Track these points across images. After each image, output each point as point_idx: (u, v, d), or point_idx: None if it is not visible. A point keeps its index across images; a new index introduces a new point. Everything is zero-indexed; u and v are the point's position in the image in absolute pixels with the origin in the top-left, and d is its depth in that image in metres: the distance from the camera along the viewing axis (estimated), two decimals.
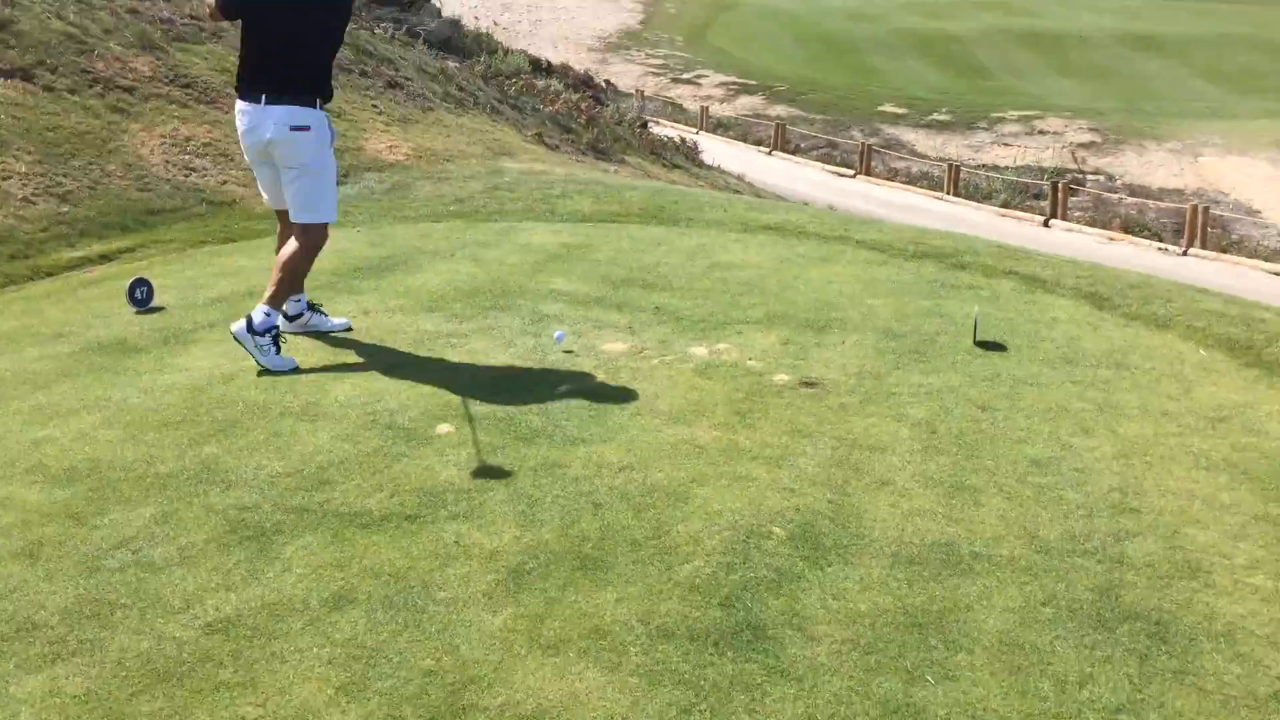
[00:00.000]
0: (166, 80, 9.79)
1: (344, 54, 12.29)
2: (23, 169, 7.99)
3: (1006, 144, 39.73)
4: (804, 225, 8.30)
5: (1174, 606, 3.24)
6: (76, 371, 5.24)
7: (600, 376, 5.10)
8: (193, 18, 11.15)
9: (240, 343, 5.18)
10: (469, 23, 21.69)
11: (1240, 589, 3.33)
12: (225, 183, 8.88)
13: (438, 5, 19.08)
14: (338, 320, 5.83)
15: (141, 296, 6.22)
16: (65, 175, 8.11)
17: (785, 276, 6.85)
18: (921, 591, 3.30)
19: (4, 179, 7.77)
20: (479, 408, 4.71)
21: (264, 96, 5.15)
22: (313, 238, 5.35)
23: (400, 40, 14.77)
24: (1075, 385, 4.99)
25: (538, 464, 4.17)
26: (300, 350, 5.42)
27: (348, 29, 9.26)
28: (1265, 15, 65.03)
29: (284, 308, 5.52)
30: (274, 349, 5.19)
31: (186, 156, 8.98)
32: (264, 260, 7.31)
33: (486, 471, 4.12)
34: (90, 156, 8.42)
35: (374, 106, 11.29)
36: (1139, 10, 67.97)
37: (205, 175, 8.87)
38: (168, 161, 8.83)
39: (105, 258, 7.38)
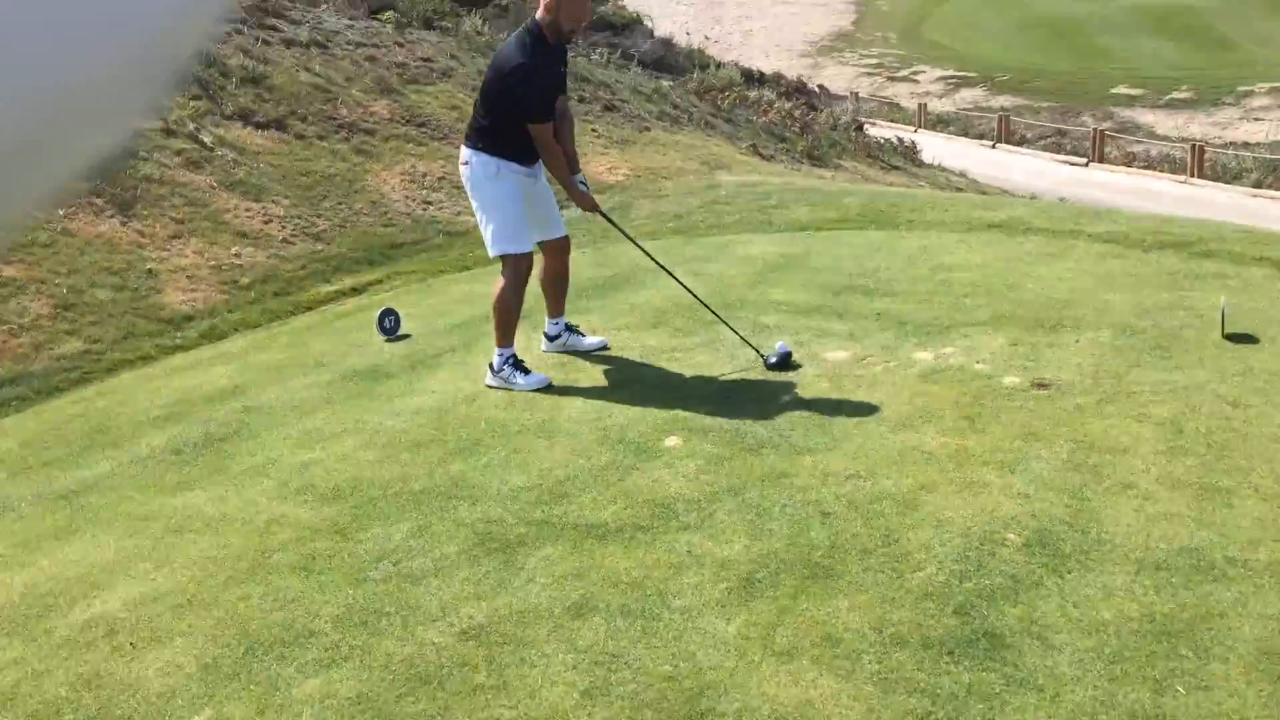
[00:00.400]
0: (403, 121, 10.45)
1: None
2: (281, 212, 8.70)
3: (1257, 119, 37.01)
4: (1030, 220, 8.03)
5: None
6: (336, 398, 5.68)
7: (823, 385, 5.12)
8: (423, 59, 11.85)
9: (495, 388, 5.52)
10: (680, 39, 22.04)
11: None
12: (460, 214, 9.37)
13: (650, 26, 19.48)
14: (592, 340, 6.08)
15: (390, 325, 6.67)
16: (318, 216, 8.78)
17: (1012, 275, 6.65)
18: (1170, 599, 3.18)
19: (266, 223, 8.50)
20: (705, 420, 4.82)
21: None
22: (508, 270, 5.65)
23: (615, 64, 15.19)
24: None
25: (765, 474, 4.24)
26: (539, 368, 5.69)
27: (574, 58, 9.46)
28: None
29: (544, 330, 5.99)
30: (518, 374, 5.50)
31: (424, 191, 9.55)
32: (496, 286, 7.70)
33: (716, 483, 4.22)
34: (339, 197, 9.08)
35: (593, 130, 11.66)
36: None
37: (441, 208, 9.41)
38: (407, 197, 9.41)
39: (356, 290, 7.94)
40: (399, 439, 4.98)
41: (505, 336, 5.61)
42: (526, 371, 5.52)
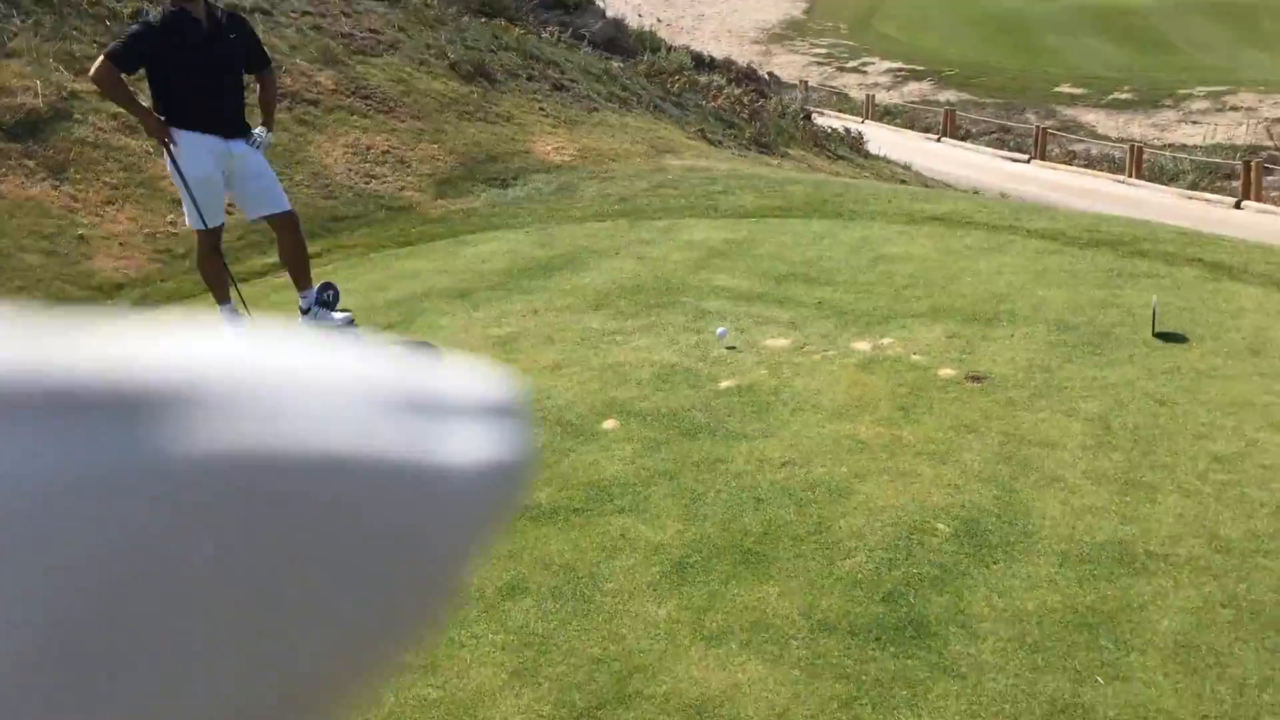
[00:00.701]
0: (348, 93, 10.28)
1: (512, 59, 12.65)
2: None
3: (1195, 122, 37.73)
4: (971, 215, 8.12)
5: None
6: None
7: (762, 372, 5.14)
8: (371, 31, 11.66)
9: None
10: (632, 21, 21.95)
11: None
12: (403, 189, 9.27)
13: (602, 6, 19.38)
14: (340, 315, 6.34)
15: (328, 299, 6.59)
16: None
17: (951, 268, 6.73)
18: (1092, 590, 3.24)
19: None
20: (643, 404, 4.82)
21: None
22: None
23: (566, 43, 15.09)
24: (1262, 378, 4.77)
25: (700, 459, 4.25)
26: (471, 349, 5.65)
27: (514, 34, 9.27)
28: None
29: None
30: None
31: (367, 165, 9.42)
32: (439, 262, 7.63)
33: (651, 466, 4.23)
34: (279, 167, 8.90)
35: (541, 109, 11.58)
36: None
37: (384, 182, 9.29)
38: (350, 170, 9.28)
39: None
40: None
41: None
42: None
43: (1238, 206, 16.61)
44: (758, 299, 6.28)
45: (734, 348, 5.45)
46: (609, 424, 4.64)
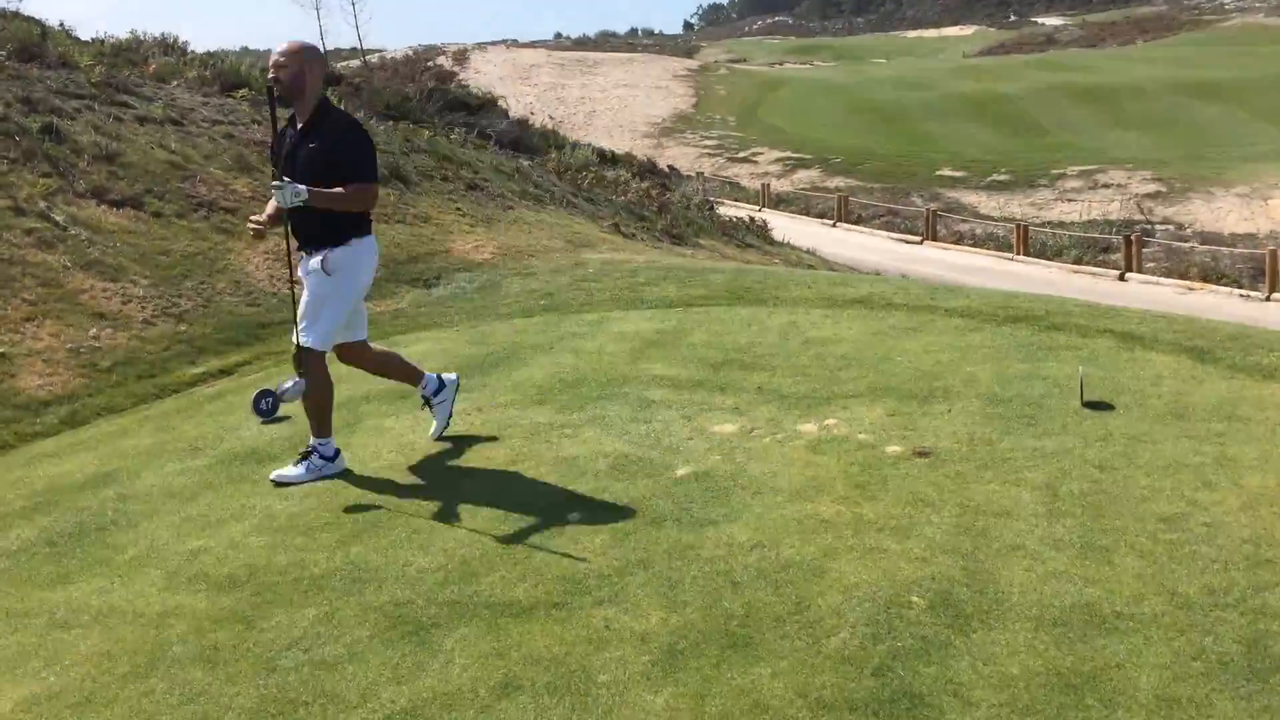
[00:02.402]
0: (265, 199, 10.27)
1: (425, 161, 12.80)
2: (140, 292, 8.43)
3: (1070, 200, 39.61)
4: (890, 296, 8.43)
5: None
6: (217, 483, 5.51)
7: (716, 458, 5.25)
8: None
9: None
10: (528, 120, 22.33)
11: None
12: None
13: (504, 107, 19.74)
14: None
15: (266, 408, 6.52)
16: (180, 296, 8.53)
17: (881, 349, 6.97)
18: (1070, 652, 3.37)
19: (125, 303, 8.21)
20: (604, 495, 4.87)
21: None
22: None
23: (474, 143, 15.30)
24: (1190, 440, 5.03)
25: (671, 547, 4.31)
26: (428, 451, 5.65)
27: (425, 136, 9.31)
28: None
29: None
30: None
31: (287, 270, 9.39)
32: None
33: (624, 556, 4.27)
34: (201, 276, 8.86)
35: (458, 209, 11.71)
36: (1191, 59, 67.73)
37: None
38: (271, 276, 9.24)
39: (225, 372, 7.74)
40: (292, 523, 4.87)
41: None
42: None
43: (1122, 278, 17.47)
44: (699, 386, 6.41)
45: (686, 436, 5.54)
46: (574, 516, 4.68)
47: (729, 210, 23.51)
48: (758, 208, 27.74)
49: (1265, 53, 68.24)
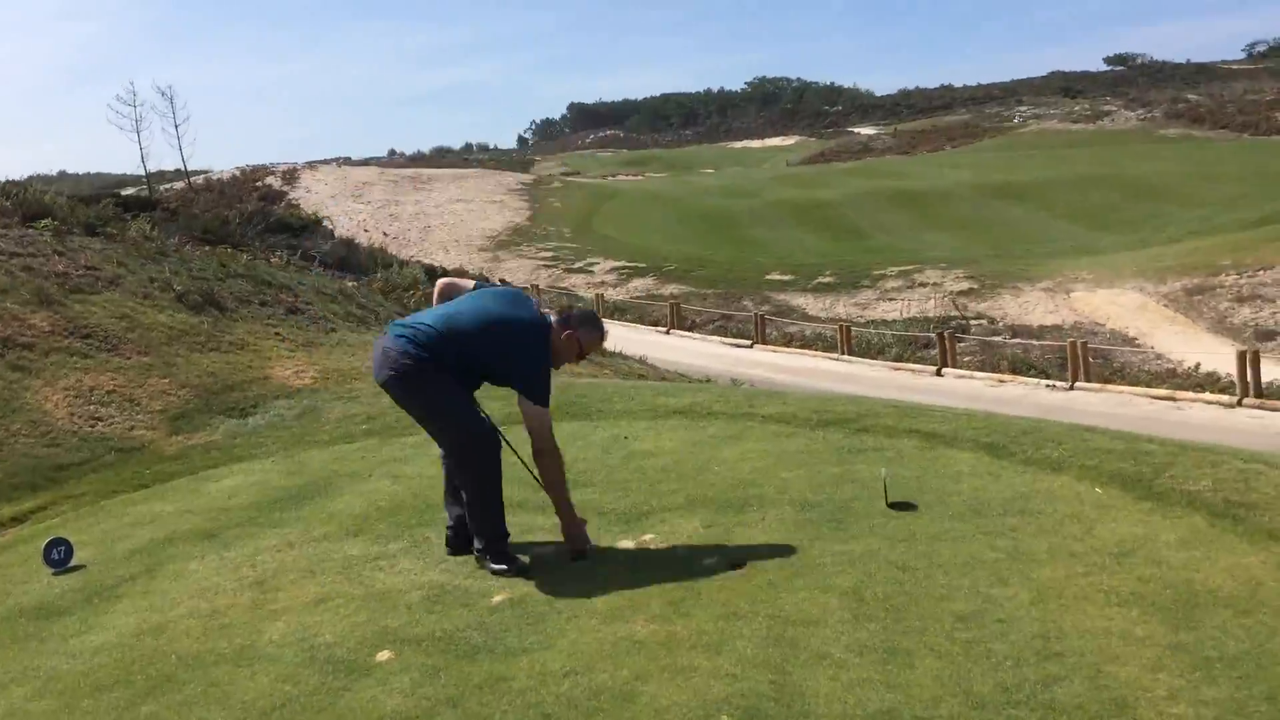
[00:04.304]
0: (66, 333, 9.86)
1: (242, 285, 12.53)
2: None
3: (891, 299, 41.37)
4: (710, 405, 8.57)
5: None
6: (0, 642, 5.14)
7: (533, 582, 5.18)
8: (89, 268, 11.30)
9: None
10: (359, 238, 22.15)
11: None
12: (133, 428, 8.87)
13: (330, 227, 19.55)
14: None
15: (59, 557, 6.16)
16: None
17: (699, 459, 7.05)
18: None
19: None
20: (416, 630, 4.74)
21: None
22: None
23: (295, 265, 15.08)
24: (985, 536, 5.22)
25: (482, 681, 4.20)
26: (232, 595, 5.41)
27: (242, 260, 9.21)
28: (1112, 155, 69.82)
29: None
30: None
31: (91, 407, 8.99)
32: (179, 503, 7.30)
33: (433, 695, 4.14)
34: None
35: (276, 334, 11.45)
36: (994, 163, 72.44)
37: (112, 423, 8.87)
38: (73, 414, 8.82)
39: (16, 520, 7.29)
40: (78, 684, 4.57)
41: None
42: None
43: (939, 374, 18.26)
44: (518, 507, 6.33)
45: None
46: (383, 655, 4.53)
47: None
48: None
49: (1060, 155, 73.62)
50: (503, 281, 36.21)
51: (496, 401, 6.35)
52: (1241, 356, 15.70)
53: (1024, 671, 3.89)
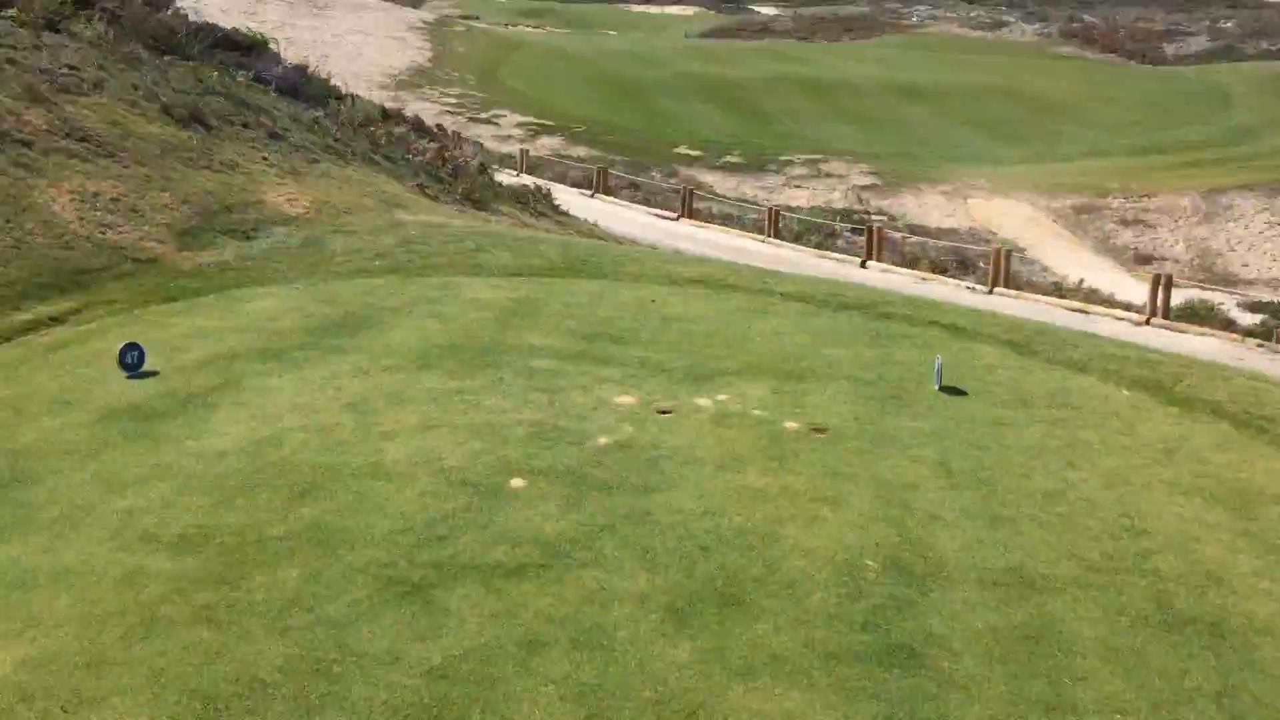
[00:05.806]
0: (63, 134, 9.54)
1: (222, 104, 12.18)
2: None
3: (798, 186, 41.95)
4: (725, 278, 8.94)
5: (1215, 610, 4.01)
6: (113, 440, 5.27)
7: (630, 429, 5.53)
8: (70, 68, 10.82)
9: None
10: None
11: (1258, 594, 4.14)
12: (143, 239, 8.76)
13: (276, 50, 18.85)
14: None
15: (132, 361, 6.22)
16: None
17: (736, 329, 7.43)
18: (1019, 609, 3.95)
19: None
20: (536, 462, 5.06)
21: None
22: None
23: (247, 85, 14.57)
24: (1041, 425, 5.79)
25: (627, 513, 4.59)
26: (326, 412, 5.62)
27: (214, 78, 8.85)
28: (1012, 67, 71.11)
29: None
30: None
31: (98, 213, 8.81)
32: (220, 320, 7.35)
33: (585, 521, 4.51)
34: (7, 215, 8.18)
35: (264, 159, 11.25)
36: (895, 60, 72.94)
37: (122, 232, 8.73)
38: (82, 219, 8.64)
39: (55, 320, 7.24)
40: (222, 484, 4.78)
41: None
42: None
43: (863, 265, 18.88)
44: (580, 357, 6.65)
45: (596, 408, 5.78)
46: (516, 483, 4.86)
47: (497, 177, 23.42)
48: (516, 173, 27.80)
49: (960, 61, 74.55)
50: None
51: None
52: (1155, 279, 16.80)
53: (1122, 544, 4.48)
